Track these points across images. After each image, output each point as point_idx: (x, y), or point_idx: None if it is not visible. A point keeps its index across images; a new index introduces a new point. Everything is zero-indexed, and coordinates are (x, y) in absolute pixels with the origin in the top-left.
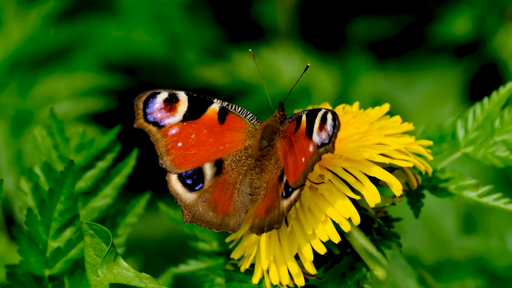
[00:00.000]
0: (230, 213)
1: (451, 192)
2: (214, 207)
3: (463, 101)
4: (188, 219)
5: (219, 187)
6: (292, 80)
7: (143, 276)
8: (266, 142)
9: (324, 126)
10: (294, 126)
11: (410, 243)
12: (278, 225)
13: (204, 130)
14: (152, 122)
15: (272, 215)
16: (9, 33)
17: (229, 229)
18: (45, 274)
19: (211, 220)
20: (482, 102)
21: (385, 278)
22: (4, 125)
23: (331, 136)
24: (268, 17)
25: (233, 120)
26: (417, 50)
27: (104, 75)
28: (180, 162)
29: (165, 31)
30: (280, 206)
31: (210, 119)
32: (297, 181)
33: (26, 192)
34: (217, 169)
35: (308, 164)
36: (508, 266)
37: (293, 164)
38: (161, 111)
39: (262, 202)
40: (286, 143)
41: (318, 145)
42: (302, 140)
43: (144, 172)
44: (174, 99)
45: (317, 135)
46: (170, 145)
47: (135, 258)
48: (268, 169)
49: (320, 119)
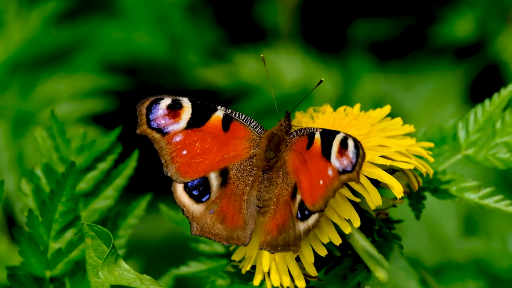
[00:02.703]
0: (239, 226)
1: (452, 194)
2: (222, 219)
3: (464, 103)
4: (197, 232)
5: (226, 198)
6: (293, 82)
7: (144, 278)
8: (272, 153)
9: (346, 153)
10: (305, 142)
11: (411, 245)
12: (295, 248)
13: (208, 138)
14: (155, 128)
15: (286, 235)
16: (10, 34)
17: (240, 243)
18: (46, 275)
19: (220, 233)
20: (484, 104)
21: (387, 280)
22: (5, 126)
23: (354, 165)
24: (269, 19)
25: (237, 128)
26: (418, 51)
27: (105, 77)
28: (185, 170)
29: (166, 32)
30: (296, 228)
31: (214, 126)
32: (316, 204)
33: (27, 193)
34: (223, 179)
35: (329, 189)
36: (509, 268)
37: (308, 184)
38: (165, 117)
39: (272, 218)
40: (297, 158)
41: (339, 171)
42: (319, 161)
43: (145, 174)
44: (177, 106)
45: (336, 160)
46: (174, 153)
47: (136, 259)
48: (277, 182)
49: (339, 143)
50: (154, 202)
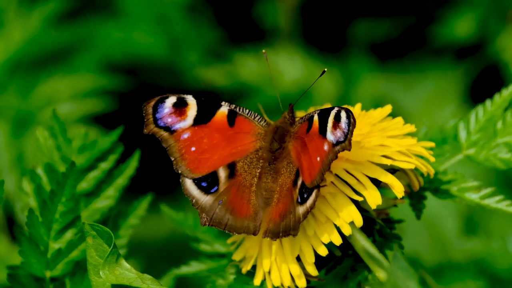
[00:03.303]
0: (249, 216)
1: (453, 194)
2: (231, 210)
3: (464, 103)
4: (207, 223)
5: (234, 189)
6: (293, 82)
7: (145, 277)
8: (277, 144)
9: (339, 124)
10: (305, 126)
11: (411, 245)
12: (295, 231)
13: (215, 134)
14: (163, 127)
15: (287, 221)
16: (11, 34)
17: (250, 233)
18: (46, 275)
19: (229, 223)
20: (485, 104)
21: (387, 280)
22: (5, 126)
23: (346, 134)
24: (269, 19)
25: (242, 122)
26: (419, 51)
27: (105, 76)
28: (195, 167)
29: (166, 32)
30: (295, 213)
31: (220, 122)
32: (314, 180)
33: (28, 193)
34: (231, 171)
35: (325, 163)
36: (510, 268)
37: (308, 164)
38: (171, 115)
39: (276, 206)
40: (298, 144)
41: (333, 143)
42: (316, 140)
43: (146, 174)
44: (183, 103)
45: (331, 133)
46: (183, 150)
47: (137, 259)
48: (281, 171)
49: (333, 117)
50: (155, 202)
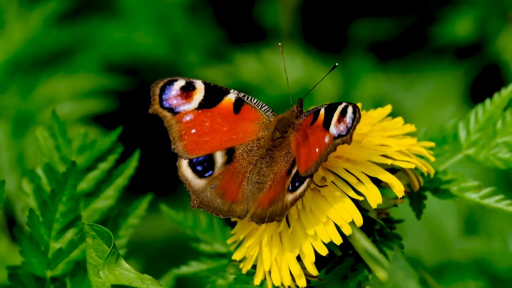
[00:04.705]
0: (237, 200)
1: (453, 194)
2: (222, 194)
3: (465, 103)
4: (196, 205)
5: (228, 175)
6: (294, 81)
7: (145, 278)
8: (279, 134)
9: (343, 119)
10: (310, 119)
11: (411, 245)
12: (280, 217)
13: (218, 119)
14: (167, 108)
15: (275, 207)
16: (11, 34)
17: (236, 216)
18: (47, 275)
19: (218, 207)
20: (484, 103)
21: (387, 280)
22: (5, 126)
23: (349, 128)
24: (270, 19)
25: (248, 111)
26: (419, 51)
27: (105, 77)
28: (192, 148)
29: (167, 32)
30: (284, 200)
31: (225, 108)
32: (309, 169)
33: (28, 193)
34: (228, 157)
35: (323, 154)
36: (510, 267)
37: (306, 154)
38: (177, 98)
39: (267, 193)
40: (300, 135)
41: (334, 136)
42: (318, 132)
43: (146, 174)
44: (191, 87)
45: (334, 127)
46: (183, 131)
47: (137, 259)
48: (278, 160)
49: (339, 112)
50: (155, 202)
